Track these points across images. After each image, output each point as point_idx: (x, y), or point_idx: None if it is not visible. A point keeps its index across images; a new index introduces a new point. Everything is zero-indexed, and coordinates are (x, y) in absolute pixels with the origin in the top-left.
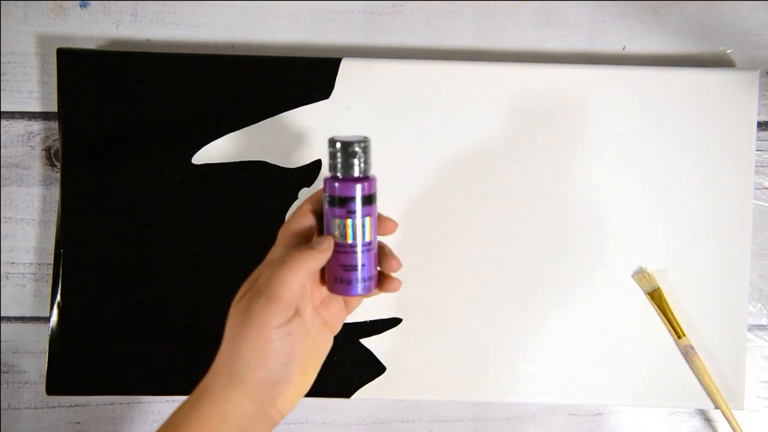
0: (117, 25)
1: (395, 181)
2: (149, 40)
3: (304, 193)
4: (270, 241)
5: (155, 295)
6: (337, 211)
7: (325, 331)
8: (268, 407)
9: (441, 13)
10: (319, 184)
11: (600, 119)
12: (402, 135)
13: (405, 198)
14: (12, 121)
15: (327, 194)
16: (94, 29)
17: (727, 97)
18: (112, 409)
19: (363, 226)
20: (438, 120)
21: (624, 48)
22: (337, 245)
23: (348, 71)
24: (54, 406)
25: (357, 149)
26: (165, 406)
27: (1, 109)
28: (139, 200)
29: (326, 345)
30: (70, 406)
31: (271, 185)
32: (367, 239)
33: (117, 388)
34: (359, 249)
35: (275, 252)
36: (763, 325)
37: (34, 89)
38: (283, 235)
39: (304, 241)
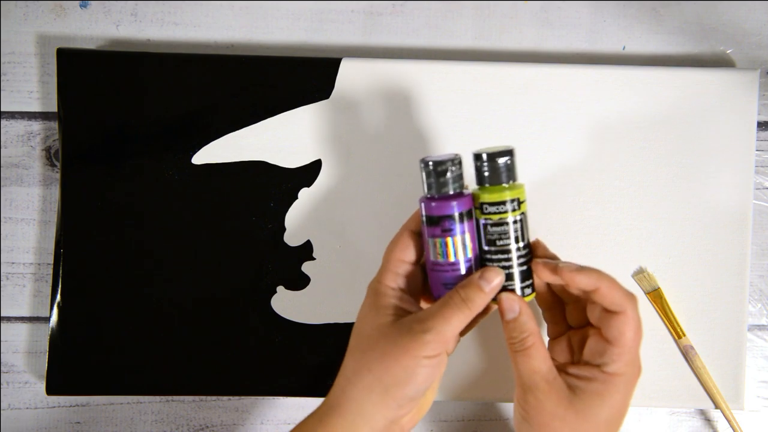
0: (117, 25)
1: (395, 181)
2: (149, 40)
3: (304, 193)
4: (270, 240)
5: (155, 295)
6: (436, 230)
7: None
8: (395, 425)
9: (441, 13)
10: (319, 184)
11: (600, 119)
12: (402, 135)
13: (405, 198)
14: (12, 121)
15: (424, 215)
16: (94, 29)
17: (727, 97)
18: (112, 409)
19: (464, 242)
20: (438, 120)
21: (624, 48)
22: (438, 264)
23: (348, 71)
24: (54, 406)
25: (449, 167)
26: (165, 406)
27: (1, 109)
28: (139, 200)
29: (443, 365)
30: (70, 406)
31: (271, 185)
32: (469, 255)
33: (117, 388)
34: (462, 266)
35: (386, 276)
36: (763, 325)
37: (34, 89)
38: (389, 260)
39: (412, 265)
